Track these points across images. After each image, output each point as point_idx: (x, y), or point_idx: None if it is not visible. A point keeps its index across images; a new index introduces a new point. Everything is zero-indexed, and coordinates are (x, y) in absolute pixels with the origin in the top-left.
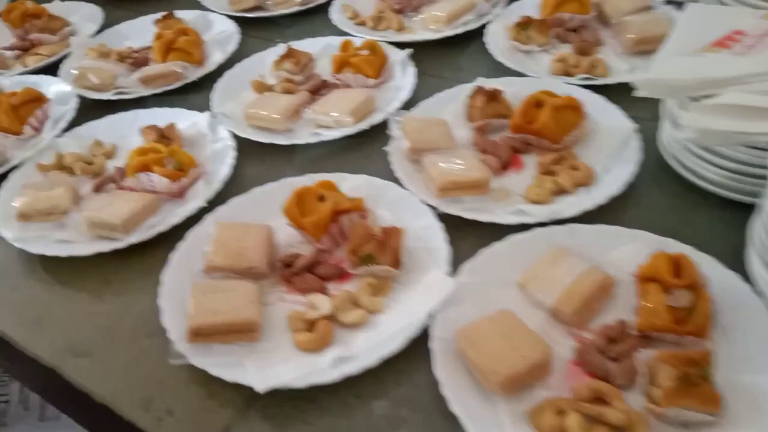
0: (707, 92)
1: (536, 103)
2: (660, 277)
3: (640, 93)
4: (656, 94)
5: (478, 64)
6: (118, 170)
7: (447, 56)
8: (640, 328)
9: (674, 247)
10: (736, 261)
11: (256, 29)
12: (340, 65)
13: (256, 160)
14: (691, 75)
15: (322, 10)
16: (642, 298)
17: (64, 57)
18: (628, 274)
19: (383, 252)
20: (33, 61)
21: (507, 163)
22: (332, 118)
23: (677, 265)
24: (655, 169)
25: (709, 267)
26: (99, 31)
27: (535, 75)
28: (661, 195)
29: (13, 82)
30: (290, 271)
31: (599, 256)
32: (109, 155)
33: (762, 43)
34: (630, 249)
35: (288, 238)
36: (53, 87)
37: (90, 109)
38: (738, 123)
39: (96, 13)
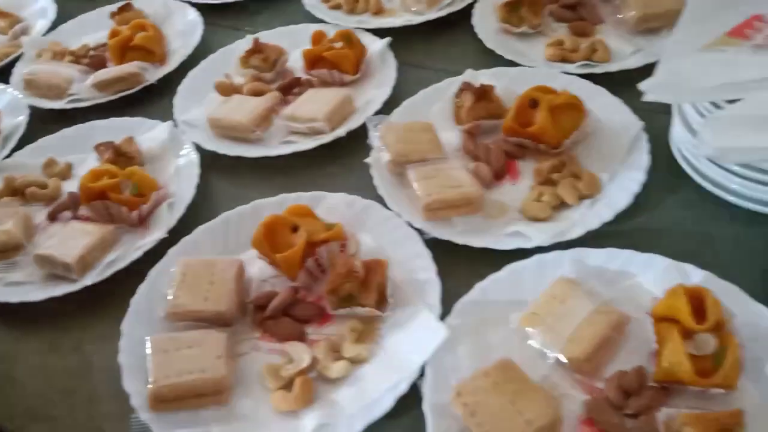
0: (728, 96)
1: (531, 102)
2: (679, 318)
3: (649, 97)
4: (669, 99)
5: (466, 50)
6: (71, 197)
7: (431, 43)
8: (657, 380)
9: (694, 275)
10: (765, 287)
11: (221, 17)
12: (313, 61)
13: (224, 175)
14: (709, 77)
15: None
16: (659, 344)
17: (16, 59)
18: (643, 310)
19: (366, 291)
20: None
21: (501, 172)
22: (306, 125)
23: (699, 301)
24: (668, 171)
25: (733, 299)
26: (52, 28)
27: (529, 64)
28: (675, 206)
29: None
30: (263, 315)
31: (609, 287)
32: (64, 175)
33: None
34: (644, 278)
35: (261, 271)
36: (4, 96)
37: (43, 120)
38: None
39: (49, 6)
